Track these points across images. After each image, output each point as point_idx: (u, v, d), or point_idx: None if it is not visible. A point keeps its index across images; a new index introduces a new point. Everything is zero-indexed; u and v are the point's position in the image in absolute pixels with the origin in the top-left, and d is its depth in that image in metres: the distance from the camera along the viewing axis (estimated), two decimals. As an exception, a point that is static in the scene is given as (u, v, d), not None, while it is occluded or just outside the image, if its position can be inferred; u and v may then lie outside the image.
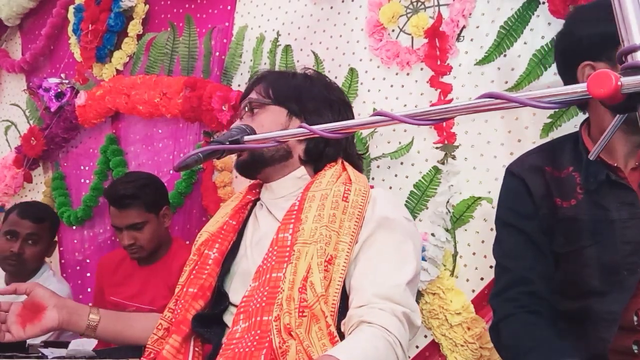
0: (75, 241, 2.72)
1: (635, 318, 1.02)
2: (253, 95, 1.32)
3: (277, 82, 1.33)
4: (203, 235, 1.30)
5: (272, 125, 1.25)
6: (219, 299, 1.21)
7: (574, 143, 1.17)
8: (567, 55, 1.15)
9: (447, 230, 1.63)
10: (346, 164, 1.29)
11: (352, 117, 1.39)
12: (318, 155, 1.28)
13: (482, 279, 1.59)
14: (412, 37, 1.78)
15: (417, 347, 1.68)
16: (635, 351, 1.01)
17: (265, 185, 1.32)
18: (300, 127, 0.79)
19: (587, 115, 1.20)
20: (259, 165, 1.27)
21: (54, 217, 2.46)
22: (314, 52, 1.99)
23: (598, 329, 1.04)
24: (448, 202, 1.63)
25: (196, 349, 1.19)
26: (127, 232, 1.96)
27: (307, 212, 1.14)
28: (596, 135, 1.13)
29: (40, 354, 1.46)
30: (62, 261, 2.77)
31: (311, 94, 1.32)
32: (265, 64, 2.11)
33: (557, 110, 1.48)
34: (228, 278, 1.24)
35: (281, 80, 1.35)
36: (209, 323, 1.19)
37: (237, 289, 1.19)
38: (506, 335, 1.12)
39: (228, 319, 1.17)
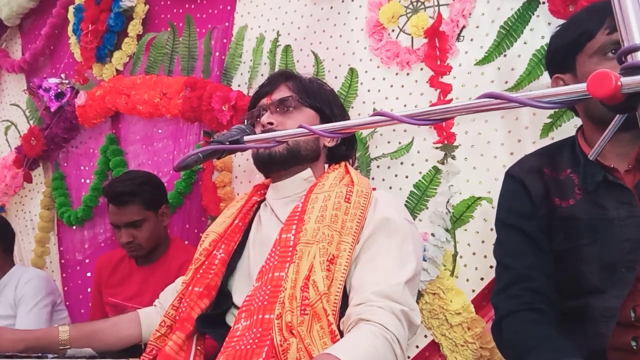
0: (75, 241, 2.73)
1: (632, 314, 1.02)
2: (286, 92, 1.33)
3: (310, 85, 1.37)
4: (210, 235, 1.31)
5: None
6: (223, 298, 1.22)
7: (571, 147, 1.19)
8: (547, 67, 1.24)
9: (447, 230, 1.63)
10: (349, 166, 1.32)
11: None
12: (340, 157, 1.34)
13: (482, 279, 1.60)
14: (412, 37, 1.78)
15: (417, 347, 1.68)
16: (634, 347, 1.01)
17: (272, 184, 1.34)
18: (300, 127, 0.78)
19: None
20: (292, 162, 1.29)
21: None
22: (313, 52, 1.99)
23: (597, 325, 1.05)
24: (448, 202, 1.63)
25: (198, 347, 1.21)
26: (125, 229, 1.95)
27: (310, 213, 1.15)
28: (589, 138, 1.15)
29: (40, 354, 1.45)
30: (62, 261, 2.78)
31: (336, 102, 1.42)
32: (265, 64, 2.11)
33: (557, 110, 1.48)
34: (232, 278, 1.26)
35: (313, 84, 1.39)
36: (213, 323, 1.19)
37: (240, 289, 1.20)
38: (509, 333, 1.12)
39: (230, 319, 1.18)
